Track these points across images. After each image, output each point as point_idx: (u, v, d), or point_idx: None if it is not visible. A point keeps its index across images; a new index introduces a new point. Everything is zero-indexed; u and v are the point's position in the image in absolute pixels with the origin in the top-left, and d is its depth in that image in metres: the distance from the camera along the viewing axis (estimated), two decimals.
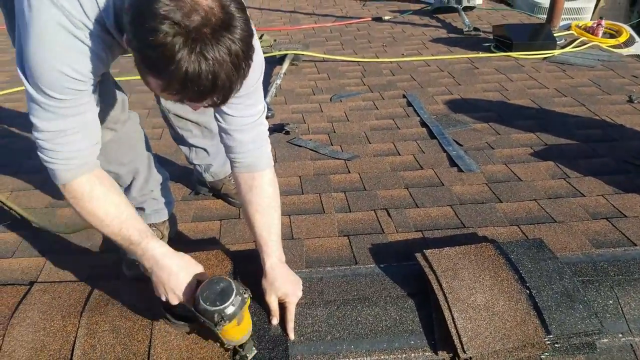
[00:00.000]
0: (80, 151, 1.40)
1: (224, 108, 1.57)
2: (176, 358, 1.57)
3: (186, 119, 2.12)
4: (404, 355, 1.60)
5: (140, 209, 2.03)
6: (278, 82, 3.89)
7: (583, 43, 4.75)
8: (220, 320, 1.40)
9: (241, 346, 1.54)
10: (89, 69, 1.31)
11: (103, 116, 1.65)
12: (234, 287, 1.43)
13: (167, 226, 2.12)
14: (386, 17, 6.14)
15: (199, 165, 2.30)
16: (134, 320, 1.66)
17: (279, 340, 1.62)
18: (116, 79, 1.91)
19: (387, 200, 2.32)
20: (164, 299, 1.50)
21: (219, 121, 1.64)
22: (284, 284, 1.64)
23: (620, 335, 1.65)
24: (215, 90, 1.14)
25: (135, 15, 1.11)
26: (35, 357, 1.58)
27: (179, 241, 2.08)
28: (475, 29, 5.34)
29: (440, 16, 6.15)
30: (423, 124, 3.19)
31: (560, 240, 1.96)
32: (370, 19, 6.13)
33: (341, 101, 3.62)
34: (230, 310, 1.41)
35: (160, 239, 1.73)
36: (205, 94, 1.15)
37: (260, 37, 4.69)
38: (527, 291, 1.65)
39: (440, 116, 3.27)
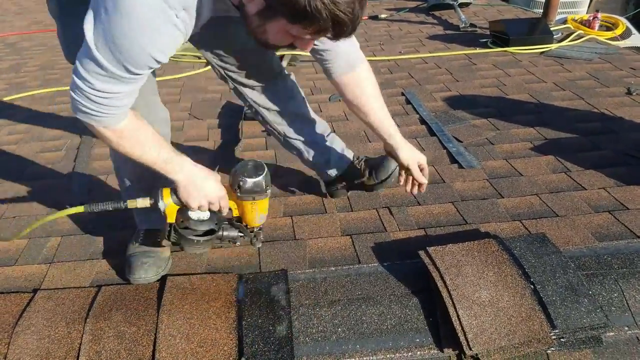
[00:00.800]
0: (127, 106, 1.47)
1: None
2: None
3: (279, 113, 2.14)
4: (410, 354, 1.60)
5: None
6: None
7: (580, 36, 4.75)
8: (267, 188, 1.65)
9: (255, 235, 1.81)
10: (172, 52, 1.40)
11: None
12: (260, 161, 1.68)
13: None
14: (382, 15, 6.14)
15: (318, 162, 2.24)
16: (139, 325, 1.66)
17: (284, 341, 1.61)
18: None
19: (388, 199, 2.31)
20: (206, 209, 1.66)
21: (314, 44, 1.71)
22: (417, 152, 1.96)
23: (627, 328, 1.64)
24: (355, 23, 1.31)
25: None
26: None
27: None
28: (472, 25, 5.34)
29: (437, 13, 6.15)
30: (422, 121, 3.18)
31: (563, 234, 1.96)
32: (366, 17, 6.12)
33: (340, 100, 3.62)
34: (268, 177, 1.67)
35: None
36: (349, 29, 1.31)
37: None
38: (532, 286, 1.65)
39: (439, 113, 3.27)
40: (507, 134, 2.91)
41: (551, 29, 4.77)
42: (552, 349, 1.57)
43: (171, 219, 1.68)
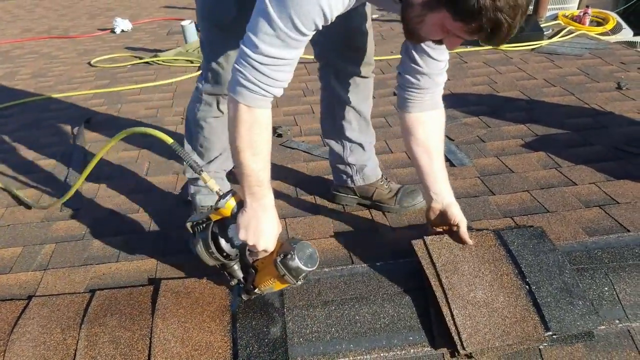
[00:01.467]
0: (283, 82, 1.48)
1: (432, 52, 1.73)
2: None
3: (349, 106, 2.14)
4: (404, 352, 1.61)
5: (206, 187, 2.08)
6: None
7: (570, 32, 4.77)
8: (303, 279, 1.56)
9: (249, 291, 1.70)
10: (338, 12, 1.41)
11: None
12: (317, 254, 1.59)
13: None
14: (374, 16, 6.15)
15: (353, 165, 2.24)
16: (133, 330, 1.67)
17: (278, 343, 1.62)
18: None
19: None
20: (250, 243, 1.57)
21: (418, 65, 1.76)
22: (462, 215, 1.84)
23: (617, 321, 1.66)
24: (511, 31, 1.28)
25: None
26: None
27: None
28: None
29: None
30: None
31: (554, 229, 1.97)
32: None
33: None
34: (308, 274, 1.57)
35: None
36: (504, 35, 1.28)
37: None
38: (527, 287, 1.68)
39: None
40: (498, 131, 2.92)
41: (542, 25, 4.79)
42: (545, 344, 1.58)
43: (215, 217, 1.67)
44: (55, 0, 9.65)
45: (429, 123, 1.85)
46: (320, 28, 1.42)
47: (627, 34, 5.53)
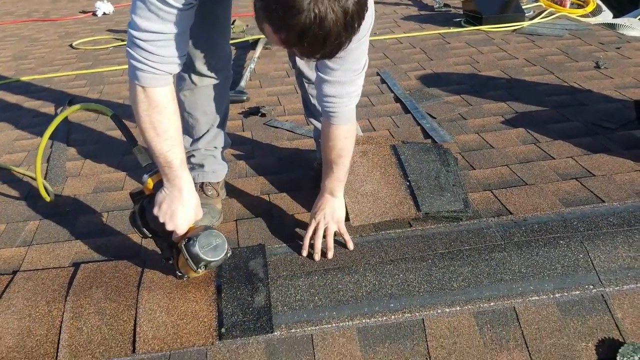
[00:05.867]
0: (169, 57, 1.48)
1: (328, 62, 1.63)
2: (163, 335, 1.61)
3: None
4: (384, 318, 1.65)
5: (200, 166, 2.14)
6: (252, 66, 3.90)
7: (551, 14, 4.81)
8: (203, 268, 1.57)
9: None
10: None
11: (204, 53, 1.90)
12: (226, 246, 1.58)
13: (222, 186, 2.22)
14: None
15: None
16: (119, 301, 1.69)
17: (263, 311, 1.65)
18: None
19: None
20: (161, 220, 1.60)
21: (320, 72, 1.69)
22: (318, 210, 1.89)
23: (592, 287, 1.71)
24: (327, 44, 1.21)
25: None
26: (23, 344, 1.61)
27: None
28: (446, 5, 5.38)
29: None
30: (397, 99, 3.22)
31: (531, 201, 2.02)
32: None
33: None
34: (214, 264, 1.58)
35: (216, 197, 2.14)
36: (318, 49, 1.23)
37: (233, 23, 4.66)
38: (407, 183, 2.10)
39: (413, 91, 3.31)
40: (479, 109, 2.96)
41: (523, 7, 4.82)
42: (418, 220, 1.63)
43: (147, 191, 1.69)
44: None
45: (341, 135, 1.80)
46: (194, 2, 1.44)
47: (606, 16, 5.57)
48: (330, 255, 1.81)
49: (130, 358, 1.58)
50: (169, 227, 1.60)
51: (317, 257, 1.81)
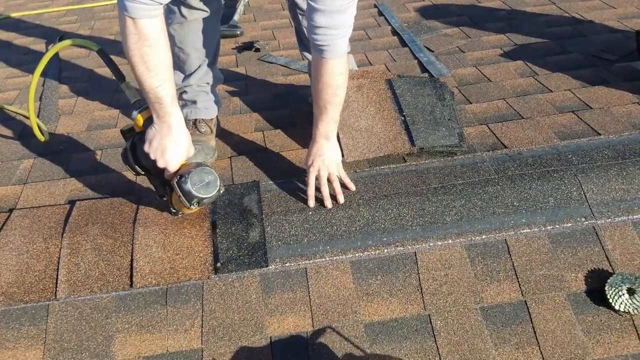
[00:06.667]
0: None
1: None
2: (159, 269, 1.64)
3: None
4: (377, 252, 1.67)
5: (192, 102, 2.11)
6: None
7: None
8: (195, 204, 1.57)
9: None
10: None
11: None
12: (218, 182, 1.58)
13: (215, 123, 2.19)
14: None
15: None
16: (115, 237, 1.71)
17: (257, 246, 1.68)
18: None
19: None
20: (152, 157, 1.59)
21: (310, 0, 1.61)
22: (315, 158, 1.81)
23: (584, 219, 1.72)
24: None
25: None
26: (22, 279, 1.64)
27: None
28: None
29: None
30: (394, 32, 3.15)
31: (527, 135, 2.01)
32: None
33: None
34: (207, 200, 1.58)
35: (209, 134, 2.10)
36: None
37: None
38: (402, 118, 2.06)
39: (411, 24, 3.23)
40: (478, 41, 2.90)
41: None
42: (413, 155, 1.65)
43: (138, 128, 1.67)
44: None
45: (315, 69, 1.76)
46: None
47: None
48: (341, 199, 1.77)
49: (128, 292, 1.61)
50: (160, 164, 1.59)
51: (329, 203, 1.76)
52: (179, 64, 2.05)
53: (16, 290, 1.61)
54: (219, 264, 1.65)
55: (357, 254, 1.67)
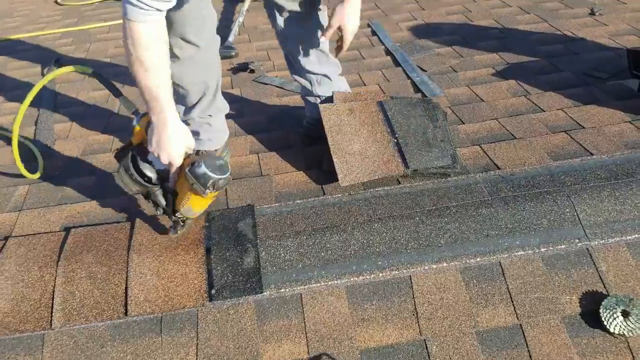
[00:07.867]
0: None
1: None
2: (154, 297, 1.64)
3: (299, 40, 2.16)
4: (372, 276, 1.68)
5: (195, 134, 2.08)
6: (241, 19, 3.82)
7: None
8: (211, 188, 1.55)
9: (184, 221, 1.73)
10: None
11: (188, 19, 1.82)
12: (229, 167, 1.61)
13: (224, 149, 2.20)
14: None
15: (322, 96, 2.26)
16: (109, 265, 1.71)
17: (252, 272, 1.68)
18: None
19: None
20: (155, 155, 1.62)
21: None
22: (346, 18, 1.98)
23: (577, 240, 1.73)
24: None
25: None
26: (17, 308, 1.64)
27: None
28: None
29: None
30: (388, 52, 3.17)
31: (520, 155, 2.02)
32: None
33: None
34: (222, 182, 1.57)
35: None
36: None
37: None
38: (395, 140, 2.06)
39: (404, 43, 3.26)
40: (470, 60, 2.92)
41: None
42: (406, 176, 1.66)
43: (135, 140, 1.68)
44: None
45: None
46: None
47: None
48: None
49: (123, 320, 1.61)
50: (163, 159, 1.61)
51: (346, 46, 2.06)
52: (179, 98, 2.03)
53: (12, 320, 1.61)
54: (213, 291, 1.65)
55: (352, 279, 1.68)
